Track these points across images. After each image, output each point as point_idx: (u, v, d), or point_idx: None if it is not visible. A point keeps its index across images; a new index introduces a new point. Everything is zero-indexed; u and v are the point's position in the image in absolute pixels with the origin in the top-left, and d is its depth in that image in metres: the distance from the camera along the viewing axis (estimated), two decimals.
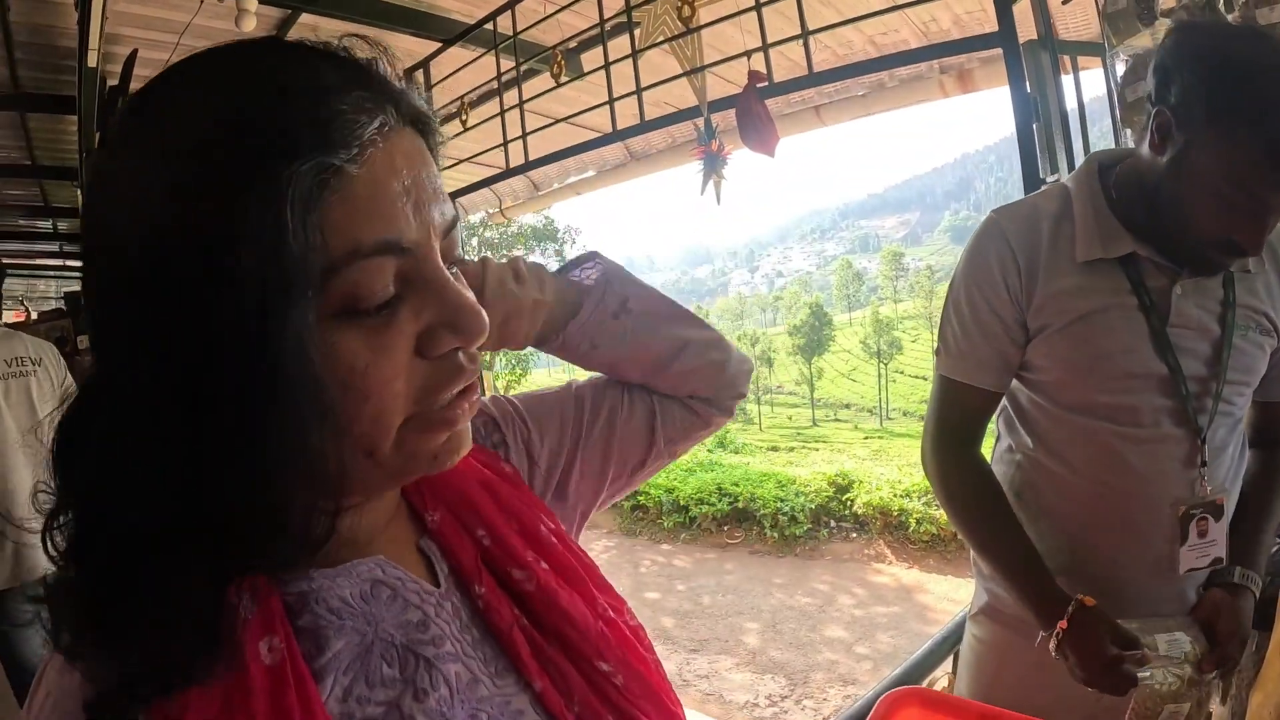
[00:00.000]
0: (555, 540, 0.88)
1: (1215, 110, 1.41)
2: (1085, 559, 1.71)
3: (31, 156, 9.51)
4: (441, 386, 0.67)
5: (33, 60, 6.69)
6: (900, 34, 5.73)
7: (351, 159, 0.58)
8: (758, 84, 4.03)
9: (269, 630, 0.62)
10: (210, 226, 0.54)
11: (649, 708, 0.82)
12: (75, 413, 0.64)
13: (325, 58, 0.64)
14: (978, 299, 1.70)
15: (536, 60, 5.71)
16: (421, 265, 0.64)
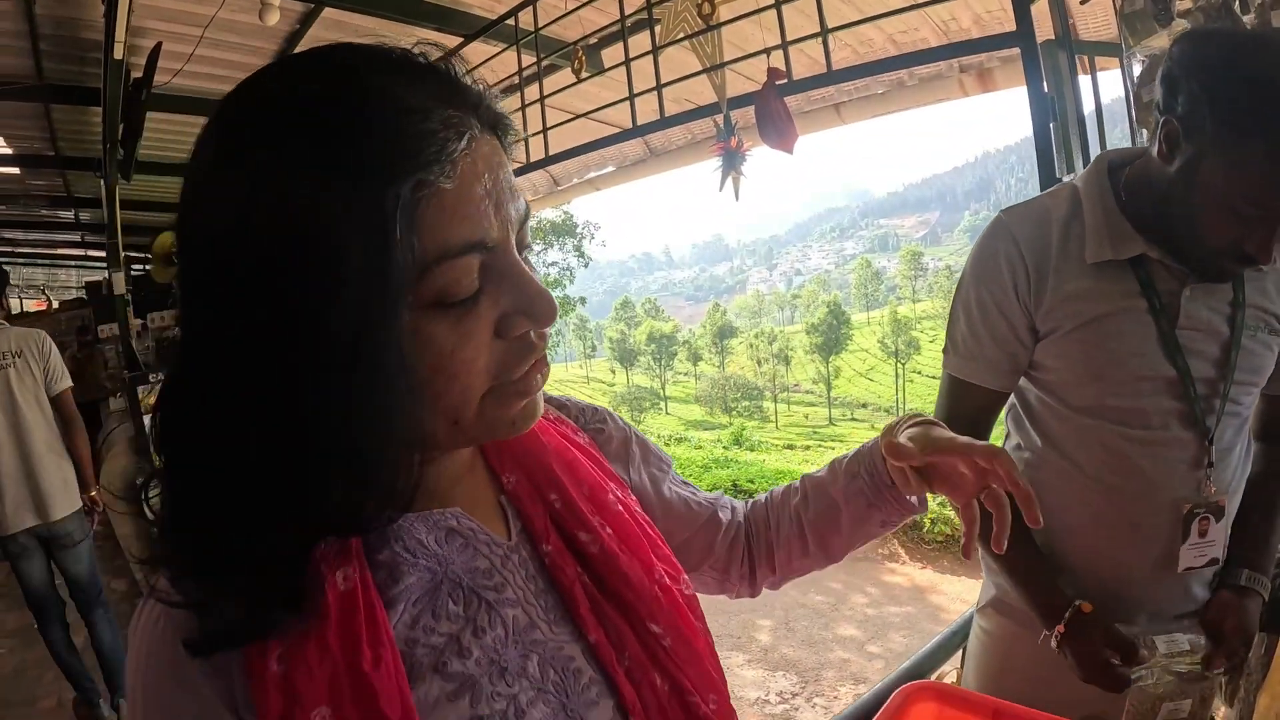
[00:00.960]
0: (622, 509, 0.97)
1: (1222, 122, 1.40)
2: (1090, 556, 1.72)
3: (55, 147, 9.59)
4: (517, 363, 0.75)
5: (57, 52, 6.75)
6: (920, 33, 5.72)
7: (444, 175, 0.66)
8: (777, 81, 4.04)
9: (344, 562, 0.72)
10: (324, 239, 0.62)
11: (692, 672, 0.90)
12: (175, 393, 0.71)
13: (414, 73, 0.70)
14: (986, 301, 1.70)
15: (558, 56, 5.74)
16: (500, 259, 0.72)
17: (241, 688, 0.68)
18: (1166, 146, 1.50)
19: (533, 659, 0.81)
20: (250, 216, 0.63)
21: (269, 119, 0.66)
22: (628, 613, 0.88)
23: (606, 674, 0.85)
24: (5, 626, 6.75)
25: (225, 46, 6.71)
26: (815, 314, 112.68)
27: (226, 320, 0.66)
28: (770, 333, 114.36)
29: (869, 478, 1.15)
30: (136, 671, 0.72)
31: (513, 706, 0.77)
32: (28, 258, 18.70)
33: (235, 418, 0.66)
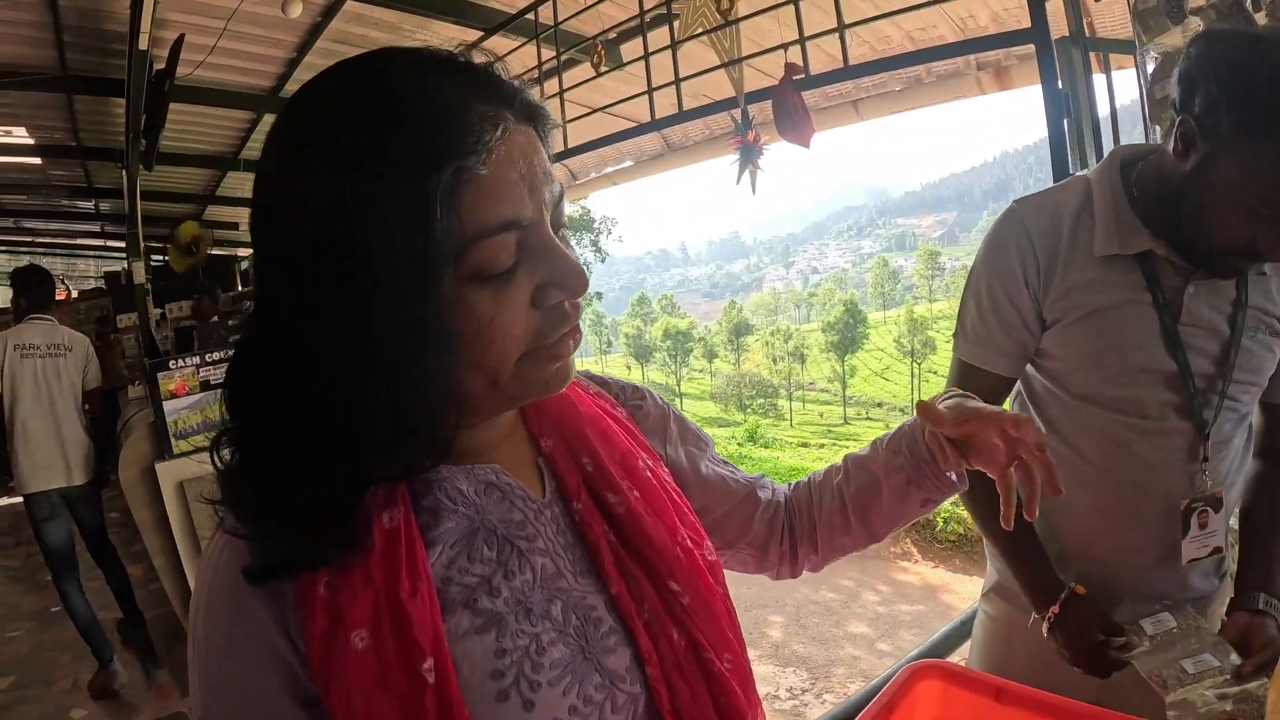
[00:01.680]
0: (650, 476, 1.03)
1: (1240, 123, 1.41)
2: (1088, 540, 1.76)
3: (76, 138, 9.64)
4: (551, 330, 0.82)
5: (80, 43, 6.80)
6: (937, 30, 5.73)
7: (481, 161, 0.73)
8: (794, 76, 4.05)
9: (391, 504, 0.80)
10: (376, 219, 0.71)
11: (708, 629, 0.95)
12: (244, 355, 0.81)
13: (454, 72, 0.78)
14: (996, 288, 1.72)
15: (577, 50, 5.76)
16: (535, 235, 0.79)
17: (294, 611, 0.76)
18: (1182, 145, 1.51)
19: (557, 604, 0.88)
20: (312, 200, 0.72)
21: (327, 116, 0.75)
22: (649, 570, 0.94)
23: (625, 624, 0.91)
24: (22, 610, 6.88)
25: (247, 39, 6.76)
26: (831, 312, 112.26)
27: (292, 292, 0.75)
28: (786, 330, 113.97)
29: (909, 454, 1.20)
30: (201, 595, 0.81)
31: (535, 643, 0.84)
32: (47, 247, 18.86)
33: (299, 376, 0.75)
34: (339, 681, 0.74)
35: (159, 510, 5.33)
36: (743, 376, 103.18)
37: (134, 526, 5.72)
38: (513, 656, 0.82)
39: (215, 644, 0.79)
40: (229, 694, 0.78)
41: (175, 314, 11.59)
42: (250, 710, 0.78)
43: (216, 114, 8.76)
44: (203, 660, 0.80)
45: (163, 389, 5.30)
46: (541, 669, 0.83)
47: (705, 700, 0.92)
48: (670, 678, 0.91)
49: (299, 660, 0.76)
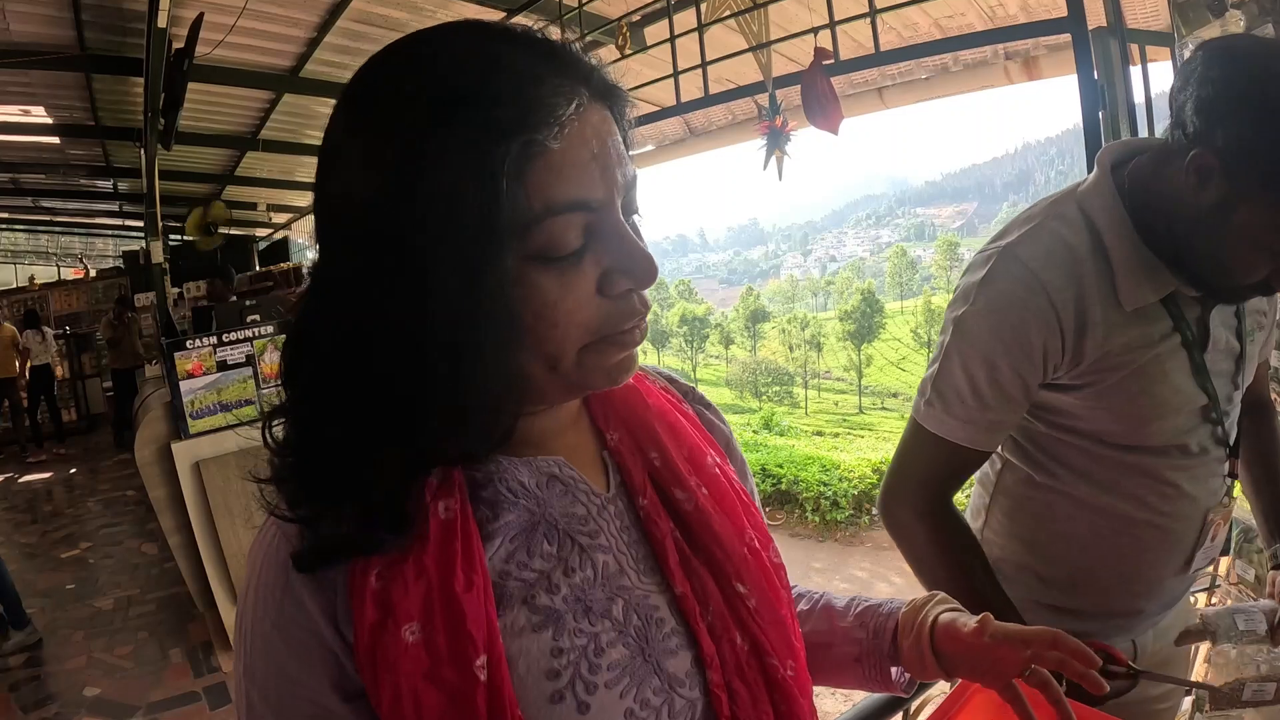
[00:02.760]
0: (719, 473, 0.99)
1: (1274, 171, 1.29)
2: (1112, 571, 1.65)
3: (95, 117, 9.68)
4: (617, 321, 0.79)
5: (99, 22, 6.81)
6: (966, 18, 5.66)
7: (552, 136, 0.71)
8: (824, 61, 4.01)
9: (447, 494, 0.78)
10: (443, 189, 0.68)
11: (774, 635, 0.92)
12: (297, 338, 0.79)
13: (528, 45, 0.75)
14: (1002, 364, 1.52)
15: (601, 32, 5.72)
16: (605, 219, 0.76)
17: (343, 602, 0.75)
18: (1198, 179, 1.37)
19: (618, 603, 0.85)
20: (378, 172, 0.71)
21: (395, 88, 0.73)
22: (715, 570, 0.91)
23: (689, 627, 0.88)
24: (36, 586, 6.93)
25: (267, 18, 6.75)
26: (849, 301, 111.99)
27: (354, 263, 0.73)
28: (803, 318, 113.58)
29: (873, 636, 1.15)
30: (251, 584, 0.80)
31: (593, 644, 0.81)
32: (66, 226, 18.98)
33: (358, 353, 0.73)
34: (388, 675, 0.72)
35: (174, 490, 5.36)
36: (759, 364, 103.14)
37: (149, 505, 5.74)
38: (570, 656, 0.80)
39: (260, 632, 0.77)
40: (272, 684, 0.77)
41: (193, 293, 11.64)
42: (293, 701, 0.76)
43: (235, 93, 8.75)
44: (248, 647, 0.78)
45: (179, 369, 5.30)
46: (599, 670, 0.81)
47: (766, 708, 0.89)
48: (732, 683, 0.87)
49: (346, 653, 0.75)
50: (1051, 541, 1.68)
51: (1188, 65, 1.39)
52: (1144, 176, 1.51)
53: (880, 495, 1.68)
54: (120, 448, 11.78)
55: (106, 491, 10.21)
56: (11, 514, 9.66)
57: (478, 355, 0.72)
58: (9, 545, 8.33)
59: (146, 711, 4.69)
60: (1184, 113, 1.39)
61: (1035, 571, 1.70)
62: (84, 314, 16.60)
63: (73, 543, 8.18)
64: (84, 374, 15.37)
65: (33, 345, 12.46)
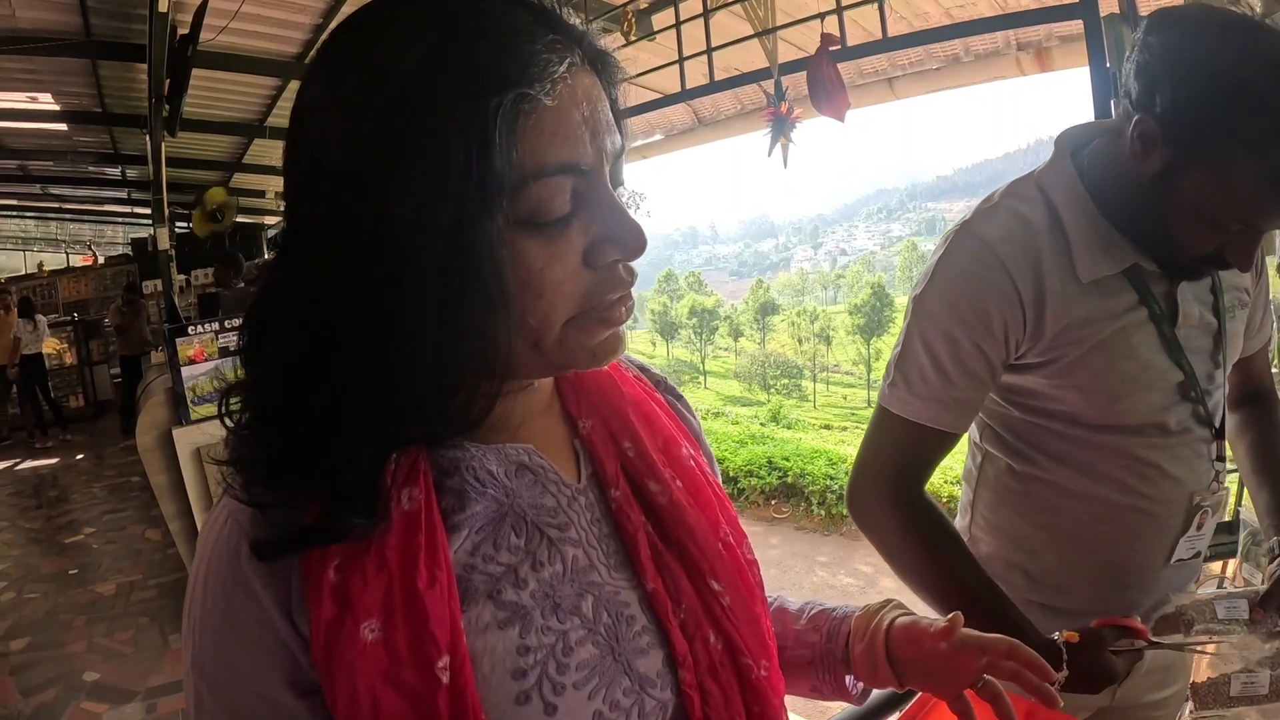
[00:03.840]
0: (693, 465, 0.96)
1: (1214, 137, 1.27)
2: (1100, 562, 1.62)
3: (102, 104, 9.74)
4: (603, 292, 0.75)
5: (104, 8, 6.84)
6: (977, 7, 5.62)
7: (546, 92, 0.68)
8: (830, 47, 3.99)
9: (410, 483, 0.74)
10: (431, 146, 0.65)
11: (748, 634, 0.89)
12: (262, 310, 0.75)
13: (519, 3, 0.72)
14: (962, 338, 1.50)
15: (606, 19, 5.69)
16: (593, 186, 0.74)
17: (298, 593, 0.71)
18: (1140, 146, 1.36)
19: (587, 599, 0.82)
20: (363, 121, 0.67)
21: (383, 34, 0.70)
22: (689, 566, 0.89)
23: (660, 624, 0.85)
24: (40, 571, 6.98)
25: (272, 4, 6.77)
26: (859, 295, 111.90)
27: (330, 220, 0.69)
28: (812, 312, 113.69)
29: (826, 640, 1.12)
30: (200, 572, 0.75)
31: (561, 642, 0.78)
32: (75, 213, 19.08)
33: (332, 322, 0.69)
34: (344, 674, 0.69)
35: (175, 475, 5.36)
36: (767, 356, 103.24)
37: (152, 491, 5.75)
38: (537, 655, 0.76)
39: (210, 624, 0.73)
40: (222, 678, 0.73)
41: (200, 280, 11.67)
42: (244, 696, 0.72)
43: (241, 80, 8.78)
44: (197, 640, 0.74)
45: (181, 355, 5.31)
46: (567, 670, 0.78)
47: (739, 709, 0.86)
48: (704, 683, 0.85)
49: (301, 647, 0.71)
50: (1036, 533, 1.65)
51: (1135, 37, 1.39)
52: (1100, 153, 1.50)
53: (847, 488, 1.65)
54: (127, 434, 11.83)
55: (111, 478, 10.26)
56: (17, 499, 9.73)
57: (460, 325, 0.68)
58: (13, 530, 8.42)
59: (145, 696, 4.70)
60: (1128, 81, 1.38)
61: (1023, 568, 1.67)
62: (92, 301, 16.72)
63: (76, 528, 8.22)
64: (92, 360, 15.48)
65: (23, 335, 12.48)
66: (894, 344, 1.61)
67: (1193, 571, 1.68)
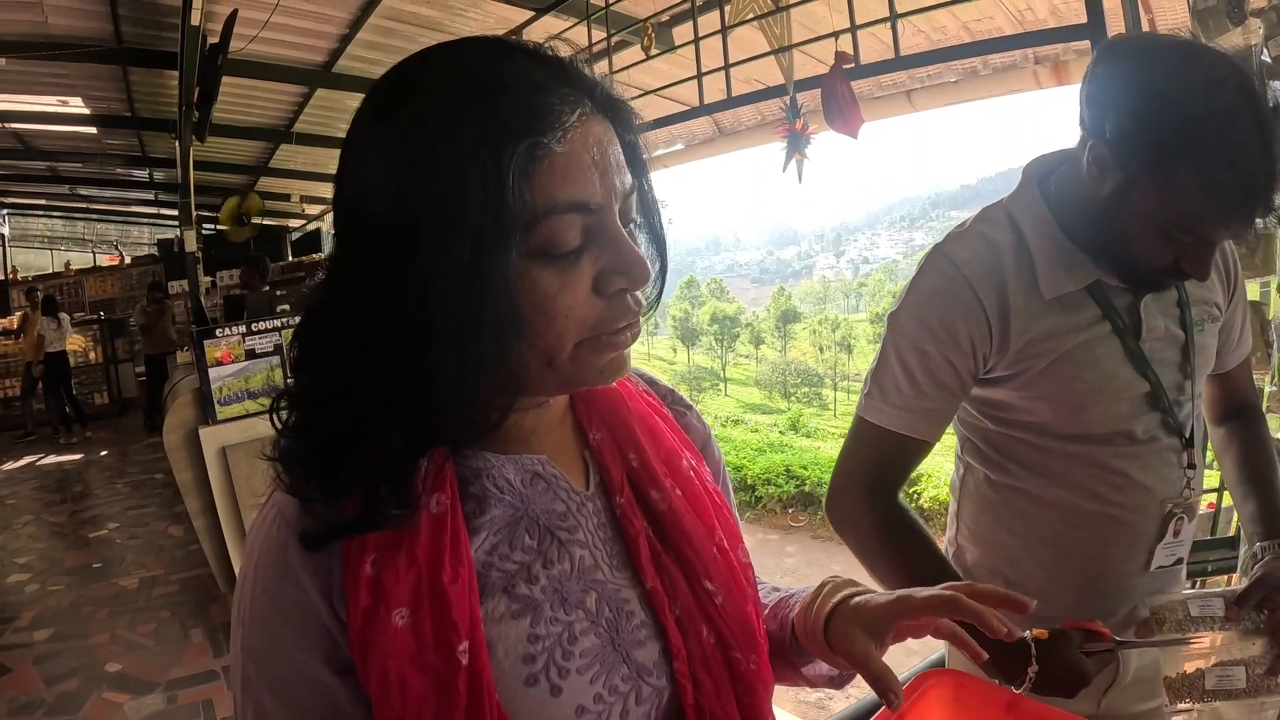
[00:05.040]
0: (693, 475, 1.04)
1: (1154, 153, 1.35)
2: (1077, 570, 1.67)
3: (131, 109, 9.84)
4: (612, 319, 0.83)
5: (135, 17, 6.93)
6: (995, 21, 5.64)
7: (556, 140, 0.76)
8: (844, 65, 4.02)
9: (439, 489, 0.84)
10: (453, 186, 0.73)
11: (739, 630, 0.97)
12: (311, 326, 0.84)
13: (537, 58, 0.82)
14: (932, 351, 1.59)
15: (628, 32, 5.75)
16: (602, 222, 0.81)
17: (338, 585, 0.80)
18: (1096, 170, 1.45)
19: (591, 595, 0.91)
20: (396, 168, 0.76)
21: (416, 90, 0.79)
22: (685, 567, 0.96)
23: (657, 620, 0.93)
24: (64, 565, 7.07)
25: (300, 14, 6.82)
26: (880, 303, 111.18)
27: (370, 254, 0.78)
28: (834, 320, 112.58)
29: (779, 629, 1.13)
30: (250, 565, 0.85)
31: (567, 632, 0.87)
32: (102, 214, 19.22)
33: (370, 337, 0.78)
34: (377, 657, 0.78)
35: (200, 474, 5.45)
36: (788, 364, 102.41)
37: (176, 488, 5.83)
38: (545, 643, 0.85)
39: (260, 610, 0.83)
40: (270, 657, 0.82)
41: (225, 282, 11.77)
42: (287, 673, 0.82)
43: (269, 87, 8.85)
44: (247, 623, 0.84)
45: (209, 356, 5.39)
46: (572, 657, 0.86)
47: (730, 699, 0.94)
48: (697, 674, 0.93)
49: (340, 630, 0.81)
50: (1015, 541, 1.71)
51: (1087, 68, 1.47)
52: (1064, 179, 1.59)
53: (826, 493, 1.72)
54: (150, 432, 11.95)
55: (135, 474, 10.36)
56: (42, 493, 9.85)
57: (477, 345, 0.76)
58: (38, 523, 8.52)
59: (166, 688, 4.78)
60: (1081, 109, 1.47)
61: (1004, 575, 1.73)
62: (118, 300, 16.83)
63: (100, 523, 8.32)
64: (117, 359, 15.58)
65: (47, 332, 12.61)
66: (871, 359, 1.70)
67: (1173, 579, 1.72)
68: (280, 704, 0.82)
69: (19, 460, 11.83)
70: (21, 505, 9.31)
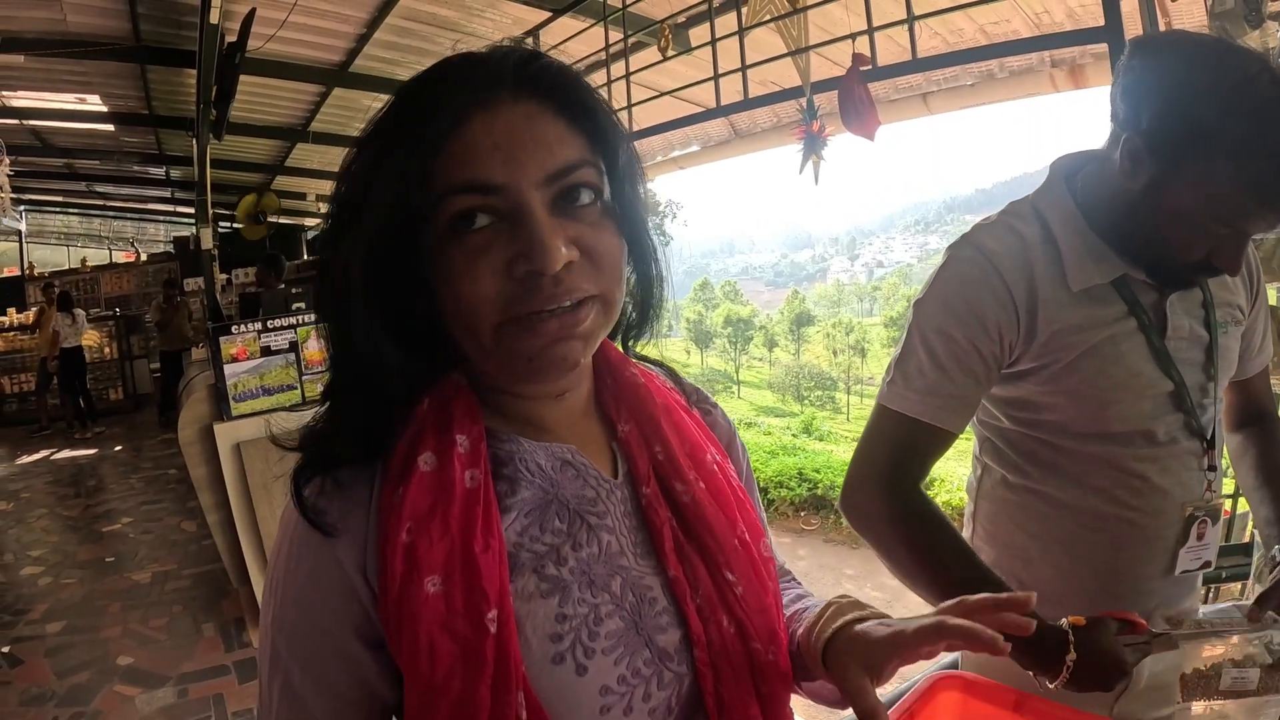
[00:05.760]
0: (716, 469, 1.07)
1: (1193, 146, 1.36)
2: (1093, 572, 1.65)
3: (149, 107, 9.88)
4: (521, 300, 0.84)
5: (154, 15, 6.97)
6: (1011, 24, 5.62)
7: (443, 134, 0.83)
8: (861, 67, 4.02)
9: (474, 465, 0.89)
10: (380, 182, 0.85)
11: (759, 621, 0.98)
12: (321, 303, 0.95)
13: (461, 63, 0.89)
14: (959, 337, 1.57)
15: (645, 33, 5.75)
16: (509, 203, 0.83)
17: (372, 557, 0.86)
18: (1130, 163, 1.45)
19: (617, 579, 0.94)
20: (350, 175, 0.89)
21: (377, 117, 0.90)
22: (707, 558, 0.99)
23: (679, 607, 0.95)
24: (77, 558, 7.12)
25: (317, 14, 6.85)
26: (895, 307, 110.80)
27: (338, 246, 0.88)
28: (848, 323, 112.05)
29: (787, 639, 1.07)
30: (284, 541, 0.92)
31: (593, 613, 0.90)
32: (118, 211, 19.31)
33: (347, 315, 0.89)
34: (409, 622, 0.81)
35: (214, 469, 5.47)
36: (802, 367, 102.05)
37: (190, 484, 5.86)
38: (572, 623, 0.88)
39: (295, 583, 0.89)
40: (301, 630, 0.88)
41: (241, 280, 11.82)
42: (319, 649, 0.87)
43: (286, 86, 8.89)
44: (278, 599, 0.90)
45: (224, 353, 5.41)
46: (597, 638, 0.89)
47: (748, 688, 0.95)
48: (717, 663, 0.94)
49: (372, 602, 0.86)
50: (1031, 542, 1.70)
51: (1119, 63, 1.47)
52: (1092, 176, 1.59)
53: (843, 486, 1.67)
54: (164, 428, 12.02)
55: (149, 470, 10.43)
56: (56, 487, 9.91)
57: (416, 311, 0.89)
58: (52, 517, 8.58)
59: (177, 682, 4.80)
60: (1115, 103, 1.47)
61: (1019, 577, 1.71)
62: (134, 296, 16.93)
63: (113, 518, 8.37)
64: (132, 355, 15.66)
65: (62, 328, 12.71)
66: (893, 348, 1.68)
67: (1190, 586, 1.71)
68: (310, 678, 0.87)
69: (33, 454, 11.91)
70: (35, 499, 9.37)
